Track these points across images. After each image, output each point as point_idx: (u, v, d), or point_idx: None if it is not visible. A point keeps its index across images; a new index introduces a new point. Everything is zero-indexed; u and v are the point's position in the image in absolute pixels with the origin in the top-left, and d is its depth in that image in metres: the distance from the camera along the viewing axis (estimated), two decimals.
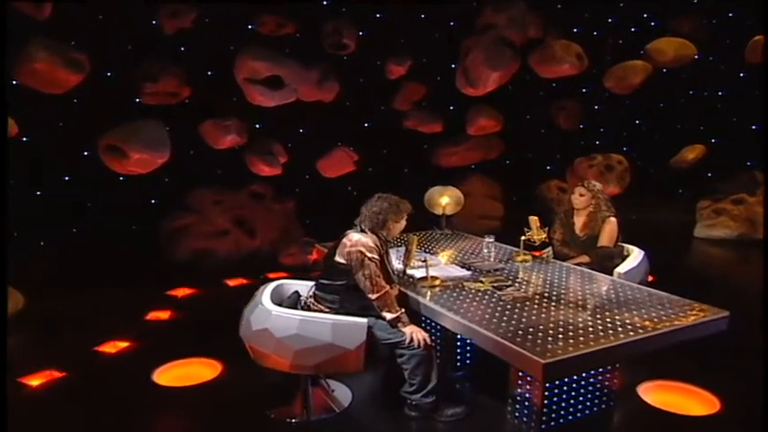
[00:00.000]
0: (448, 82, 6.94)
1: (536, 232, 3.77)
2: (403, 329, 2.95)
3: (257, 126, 6.83)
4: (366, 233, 3.09)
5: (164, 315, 4.75)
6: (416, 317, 3.14)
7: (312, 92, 6.16)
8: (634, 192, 7.96)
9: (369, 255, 2.98)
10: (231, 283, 5.61)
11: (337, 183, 7.08)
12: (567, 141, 8.45)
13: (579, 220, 4.05)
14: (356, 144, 7.09)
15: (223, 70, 6.04)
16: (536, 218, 3.77)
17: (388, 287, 3.00)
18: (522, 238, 3.78)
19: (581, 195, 4.00)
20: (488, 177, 7.87)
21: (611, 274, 3.51)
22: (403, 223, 3.17)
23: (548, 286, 3.30)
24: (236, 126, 5.98)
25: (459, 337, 3.54)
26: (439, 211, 4.80)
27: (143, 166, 5.06)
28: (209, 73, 6.61)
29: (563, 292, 3.19)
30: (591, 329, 2.65)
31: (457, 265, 3.74)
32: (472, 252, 4.11)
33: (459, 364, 3.64)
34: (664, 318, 2.78)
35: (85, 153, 6.16)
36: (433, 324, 3.55)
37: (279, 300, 3.25)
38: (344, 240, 3.09)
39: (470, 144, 7.57)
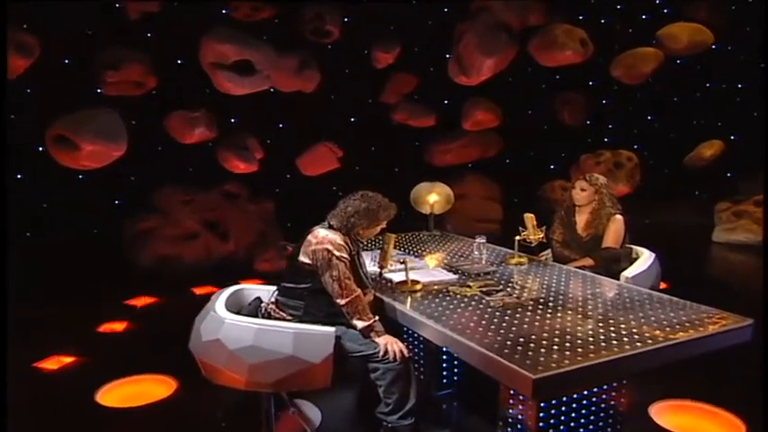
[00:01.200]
0: (441, 72, 6.78)
1: (532, 232, 3.57)
2: (376, 340, 2.75)
3: (232, 120, 6.66)
4: (335, 230, 2.89)
5: (119, 327, 4.55)
6: (395, 326, 2.93)
7: (290, 81, 6.01)
8: (646, 193, 7.79)
9: (337, 253, 2.78)
10: (199, 291, 5.40)
11: (320, 182, 6.90)
12: (572, 138, 8.29)
13: (581, 219, 3.87)
14: (341, 140, 6.92)
15: (193, 58, 5.88)
16: (532, 215, 3.59)
17: (359, 291, 2.81)
18: (517, 238, 3.59)
19: (582, 190, 3.83)
20: (486, 177, 7.74)
21: (617, 279, 3.33)
22: (377, 229, 2.99)
23: (544, 291, 3.09)
24: (205, 118, 5.83)
25: (445, 350, 3.33)
26: (426, 210, 4.62)
27: (97, 160, 4.87)
28: (179, 62, 6.44)
29: (561, 297, 2.98)
30: (592, 340, 2.43)
31: (443, 268, 3.54)
32: (461, 254, 3.93)
33: (445, 381, 3.44)
34: (678, 327, 2.56)
35: (40, 149, 5.96)
36: (416, 335, 3.34)
37: (238, 307, 3.05)
38: (309, 237, 2.89)
39: (466, 140, 7.43)
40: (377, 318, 2.81)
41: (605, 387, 2.85)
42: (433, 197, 4.59)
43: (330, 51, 6.73)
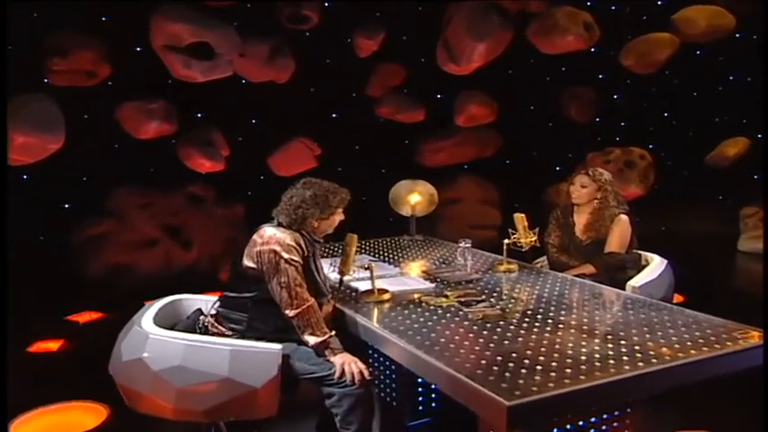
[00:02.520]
0: (430, 62, 6.60)
1: (523, 234, 3.39)
2: (331, 359, 2.53)
3: (199, 115, 6.47)
4: (284, 228, 2.69)
5: (53, 345, 4.36)
6: (360, 344, 2.71)
7: (261, 69, 5.82)
8: (662, 196, 7.57)
9: (286, 255, 2.58)
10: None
11: (296, 183, 6.67)
12: (579, 136, 8.08)
13: (581, 220, 3.71)
14: (319, 136, 6.73)
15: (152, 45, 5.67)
16: (522, 215, 3.42)
17: (312, 301, 2.60)
18: (506, 241, 3.40)
19: (583, 187, 3.66)
20: (483, 179, 7.55)
21: (622, 289, 3.14)
22: (335, 219, 2.81)
23: (533, 302, 2.88)
24: (163, 110, 5.64)
25: None
26: (407, 212, 4.44)
27: (30, 154, 4.64)
28: (138, 49, 6.23)
29: (553, 309, 2.76)
30: (585, 359, 2.19)
31: (420, 276, 3.36)
32: (444, 261, 3.75)
33: (421, 408, 3.22)
34: (689, 344, 2.32)
35: None
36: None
37: (174, 321, 2.85)
38: (254, 237, 2.70)
39: (460, 138, 7.27)
40: (333, 333, 2.60)
41: (605, 417, 2.59)
42: (414, 197, 4.42)
43: (307, 39, 6.55)
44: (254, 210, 6.56)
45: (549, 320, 2.58)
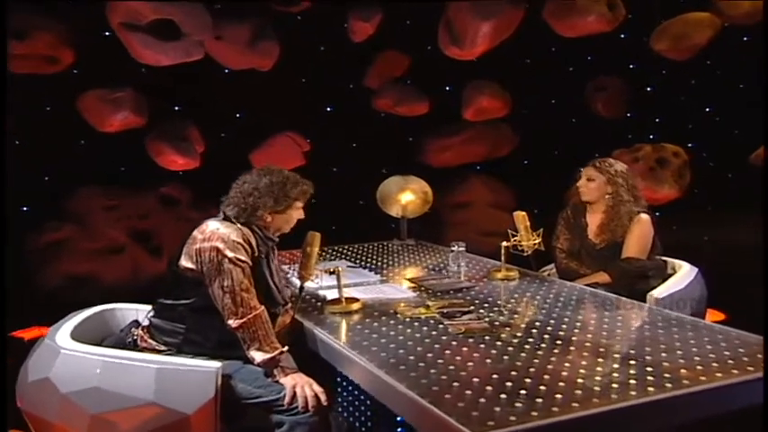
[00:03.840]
0: (434, 47, 6.43)
1: (525, 236, 3.23)
2: (281, 380, 2.33)
3: (176, 108, 6.32)
4: (231, 222, 2.52)
5: None
6: (326, 363, 2.49)
7: (241, 55, 5.69)
8: (702, 201, 7.28)
9: (230, 254, 2.40)
10: None
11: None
12: (607, 134, 7.80)
13: (594, 220, 3.54)
14: (309, 131, 6.55)
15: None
16: (523, 214, 3.30)
17: (261, 309, 2.41)
18: (504, 244, 3.26)
19: (590, 180, 3.50)
20: (498, 181, 7.30)
21: (642, 300, 2.96)
22: (292, 216, 2.63)
23: (529, 314, 2.69)
24: (131, 100, 5.50)
25: None
26: (397, 213, 4.28)
27: None
28: (106, 34, 6.11)
29: (552, 322, 2.54)
30: (583, 382, 1.96)
31: (402, 284, 3.21)
32: (435, 267, 3.59)
33: None
34: (714, 366, 2.07)
35: None
36: None
37: (103, 334, 2.68)
38: (195, 233, 2.54)
39: (471, 134, 7.05)
40: (284, 348, 2.40)
41: None
42: (405, 196, 4.24)
43: (294, 20, 6.38)
44: None
45: (546, 336, 2.36)
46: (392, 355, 2.19)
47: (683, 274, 3.28)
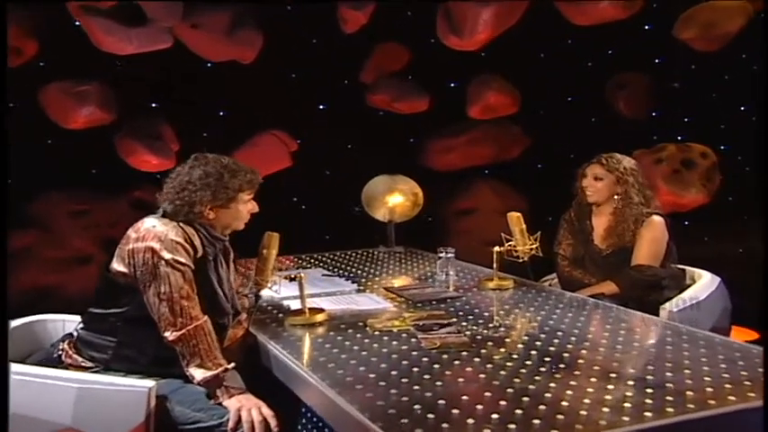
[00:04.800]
0: (433, 37, 6.34)
1: (520, 240, 3.14)
2: (225, 402, 2.19)
3: (153, 105, 6.25)
4: (170, 219, 2.41)
5: None
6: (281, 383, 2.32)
7: (219, 45, 5.62)
8: (737, 209, 7.10)
9: (167, 256, 2.27)
10: None
11: (269, 187, 6.39)
12: (630, 135, 7.66)
13: (600, 223, 3.48)
14: (298, 130, 6.46)
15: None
16: (518, 215, 3.24)
17: (204, 319, 2.27)
18: (497, 249, 3.18)
19: (597, 179, 3.50)
20: (507, 186, 7.17)
21: (655, 313, 2.87)
22: (240, 210, 2.50)
23: (518, 328, 2.57)
24: (98, 94, 5.43)
25: None
26: (383, 216, 4.19)
27: None
28: (77, 23, 6.05)
29: (544, 336, 2.38)
30: (568, 404, 1.79)
31: (379, 294, 3.07)
32: (421, 276, 3.51)
33: None
34: (728, 386, 1.89)
35: None
36: None
37: (31, 349, 2.58)
38: (129, 231, 2.42)
39: (476, 134, 6.94)
40: (230, 366, 2.26)
41: None
42: (393, 198, 4.15)
43: (286, 10, 6.32)
44: None
45: (533, 352, 2.20)
46: (350, 372, 2.04)
47: (704, 284, 3.19)
